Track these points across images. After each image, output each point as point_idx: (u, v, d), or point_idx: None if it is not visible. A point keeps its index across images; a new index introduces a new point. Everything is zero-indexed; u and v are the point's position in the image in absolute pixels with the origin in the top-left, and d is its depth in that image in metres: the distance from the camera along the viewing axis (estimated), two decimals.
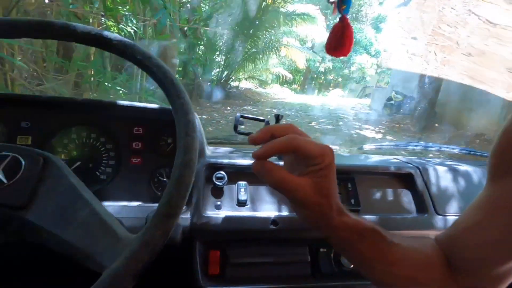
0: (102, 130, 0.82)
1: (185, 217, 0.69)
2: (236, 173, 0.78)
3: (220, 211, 0.73)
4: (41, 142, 0.77)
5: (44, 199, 0.45)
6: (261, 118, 0.84)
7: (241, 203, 0.75)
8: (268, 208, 0.76)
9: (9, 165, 0.47)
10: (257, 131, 0.48)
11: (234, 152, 0.89)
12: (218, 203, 0.74)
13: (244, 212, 0.74)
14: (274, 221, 0.72)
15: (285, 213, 0.75)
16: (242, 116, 0.84)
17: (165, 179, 0.83)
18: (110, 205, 0.69)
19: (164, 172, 0.83)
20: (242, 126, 0.84)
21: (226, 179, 0.75)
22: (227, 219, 0.70)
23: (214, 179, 0.74)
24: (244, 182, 0.78)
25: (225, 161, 0.78)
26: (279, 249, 0.73)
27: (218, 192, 0.76)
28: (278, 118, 0.84)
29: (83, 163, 0.80)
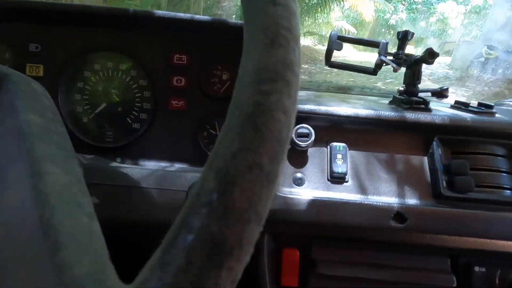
0: (133, 59, 0.57)
1: None
2: (329, 129, 0.48)
3: (302, 189, 0.45)
4: (56, 74, 0.56)
5: None
6: (376, 40, 0.50)
7: (337, 178, 0.46)
8: (387, 192, 0.45)
9: None
10: None
11: (322, 97, 0.58)
12: (299, 175, 0.46)
13: (343, 194, 0.44)
14: (399, 214, 0.41)
15: (416, 200, 0.44)
16: (340, 37, 0.51)
17: (217, 132, 0.56)
18: (139, 168, 0.45)
19: (216, 123, 0.56)
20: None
21: (312, 137, 0.45)
22: (314, 203, 0.42)
23: (294, 135, 0.45)
24: (342, 144, 0.47)
25: (312, 107, 0.48)
26: (401, 259, 0.43)
27: (299, 158, 0.47)
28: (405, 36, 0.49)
29: (110, 106, 0.57)
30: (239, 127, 0.13)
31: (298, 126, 0.46)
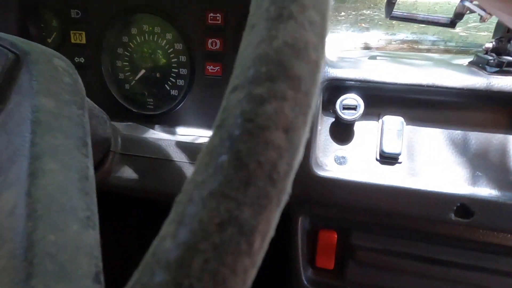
0: (168, 20, 0.53)
1: None
2: (383, 99, 0.40)
3: (345, 169, 0.40)
4: (97, 41, 0.56)
5: None
6: None
7: (388, 158, 0.39)
8: (451, 178, 0.37)
9: None
10: None
11: (376, 58, 0.48)
12: (343, 153, 0.41)
13: (394, 177, 0.38)
14: (464, 207, 0.34)
15: (489, 190, 0.36)
16: None
17: None
18: (174, 141, 0.44)
19: None
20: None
21: (361, 109, 0.38)
22: (358, 186, 0.37)
23: (338, 107, 0.39)
24: (398, 118, 0.40)
25: (361, 73, 0.40)
26: (461, 255, 0.37)
27: (343, 133, 0.41)
28: None
29: (149, 72, 0.57)
30: (216, 154, 0.09)
31: (344, 97, 0.39)
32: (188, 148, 0.41)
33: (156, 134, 0.55)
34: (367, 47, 0.84)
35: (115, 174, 0.41)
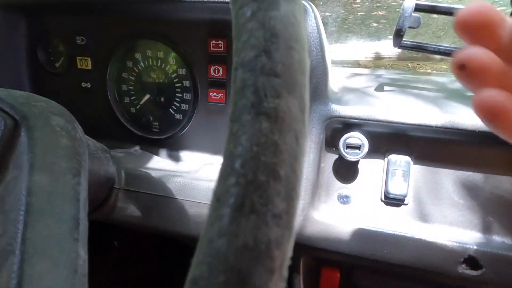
0: (171, 46, 0.53)
1: None
2: (388, 137, 0.39)
3: (348, 209, 0.39)
4: (102, 66, 0.57)
5: None
6: None
7: (394, 199, 0.38)
8: (460, 224, 0.36)
9: None
10: None
11: (383, 89, 0.46)
12: (346, 192, 0.40)
13: (399, 220, 0.37)
14: (473, 259, 0.33)
15: (502, 241, 0.34)
16: (419, 8, 0.38)
17: None
18: (176, 176, 0.44)
19: None
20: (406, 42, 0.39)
21: (365, 148, 0.37)
22: (361, 232, 0.36)
23: (341, 146, 0.38)
24: (404, 158, 0.38)
25: (366, 111, 0.38)
26: None
27: (347, 171, 0.40)
28: None
29: (153, 96, 0.57)
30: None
31: (347, 135, 0.38)
32: (191, 186, 0.42)
33: (161, 162, 0.55)
34: (378, 57, 0.81)
35: (119, 209, 0.42)
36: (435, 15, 0.44)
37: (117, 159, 0.45)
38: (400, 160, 0.38)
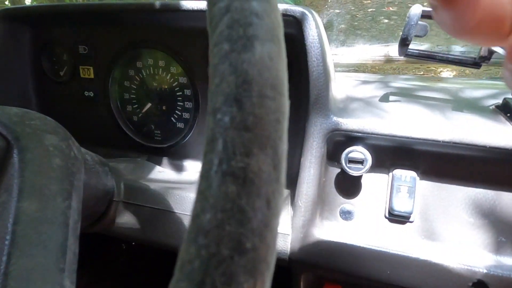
0: (171, 55, 0.52)
1: (282, 233, 0.37)
2: (393, 151, 0.37)
3: (351, 225, 0.38)
4: (104, 75, 0.57)
5: None
6: None
7: (398, 216, 0.36)
8: (469, 244, 0.34)
9: None
10: None
11: (388, 99, 0.44)
12: (348, 207, 0.38)
13: (403, 238, 0.35)
14: (482, 283, 0.31)
15: (506, 260, 0.32)
16: (426, 15, 0.36)
17: None
18: (175, 189, 0.44)
19: None
20: (414, 47, 0.38)
21: (368, 163, 0.36)
22: (364, 252, 0.35)
23: (343, 160, 0.36)
24: (410, 173, 0.36)
25: (369, 126, 0.36)
26: None
27: (349, 186, 0.39)
28: None
29: (155, 104, 0.56)
30: None
31: (349, 149, 0.36)
32: (189, 200, 0.41)
33: (162, 172, 0.55)
34: (388, 60, 0.79)
35: (118, 222, 0.42)
36: None
37: (116, 171, 0.45)
38: (405, 176, 0.36)
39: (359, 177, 0.38)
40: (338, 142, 0.38)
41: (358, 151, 0.36)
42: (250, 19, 0.11)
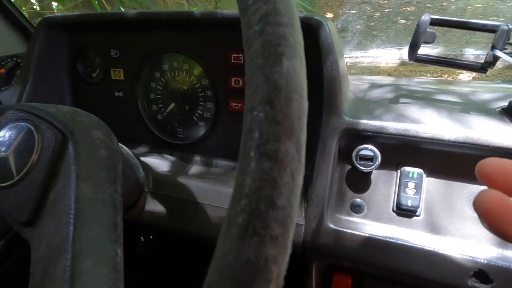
0: (195, 59, 0.57)
1: (296, 223, 0.41)
2: (401, 149, 0.40)
3: (361, 218, 0.41)
4: (133, 77, 0.62)
5: (48, 220, 0.27)
6: (491, 23, 0.36)
7: (405, 211, 0.39)
8: (472, 237, 0.36)
9: (22, 145, 0.31)
10: None
11: (398, 101, 0.47)
12: (359, 201, 0.41)
13: (410, 231, 0.38)
14: (482, 272, 0.33)
15: (507, 253, 0.34)
16: (434, 22, 0.38)
17: None
18: (199, 182, 0.48)
19: None
20: (427, 48, 0.40)
21: (378, 160, 0.38)
22: (372, 242, 0.37)
23: (354, 158, 0.39)
24: (417, 170, 0.39)
25: (379, 125, 0.39)
26: None
27: (360, 182, 0.41)
28: None
29: (178, 104, 0.61)
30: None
31: (360, 147, 0.39)
32: (212, 191, 0.45)
33: (186, 167, 0.59)
34: (402, 63, 0.80)
35: (147, 211, 0.46)
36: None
37: (145, 165, 0.49)
38: (413, 172, 0.39)
39: (369, 173, 0.41)
40: (350, 140, 0.41)
41: (368, 149, 0.39)
42: (279, 41, 0.14)
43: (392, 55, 0.80)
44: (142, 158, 0.52)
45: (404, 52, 0.79)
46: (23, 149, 0.30)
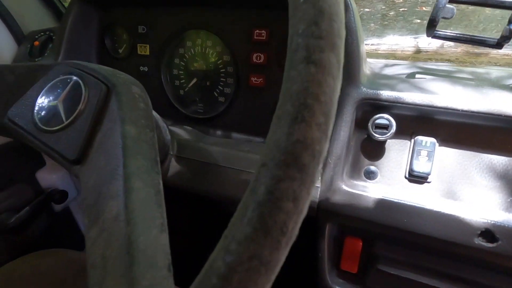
0: (218, 35, 0.60)
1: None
2: (416, 119, 0.42)
3: (374, 184, 0.43)
4: (158, 52, 0.65)
5: (95, 157, 0.30)
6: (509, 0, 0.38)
7: (417, 177, 0.41)
8: (480, 201, 0.38)
9: (71, 95, 0.34)
10: None
11: (414, 76, 0.49)
12: (372, 168, 0.43)
13: (421, 196, 0.40)
14: (488, 232, 0.35)
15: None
16: (453, 0, 0.40)
17: None
18: (220, 147, 0.51)
19: None
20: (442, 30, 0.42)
21: (393, 129, 0.41)
22: (384, 203, 0.40)
23: (370, 126, 0.42)
24: (430, 139, 0.41)
25: (395, 94, 0.41)
26: (484, 276, 0.38)
27: (374, 150, 0.44)
28: None
29: (200, 80, 0.64)
30: (249, 214, 0.14)
31: (376, 116, 0.42)
32: (234, 156, 0.48)
33: (206, 138, 0.63)
34: (418, 51, 0.82)
35: (172, 173, 0.50)
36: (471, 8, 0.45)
37: (171, 130, 0.53)
38: (426, 141, 0.41)
39: (383, 142, 0.43)
40: (367, 110, 0.43)
41: (384, 118, 0.41)
42: (319, 55, 0.16)
43: (406, 43, 0.82)
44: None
45: (418, 41, 0.80)
46: (71, 99, 0.34)
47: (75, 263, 0.64)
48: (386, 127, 0.41)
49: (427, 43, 0.78)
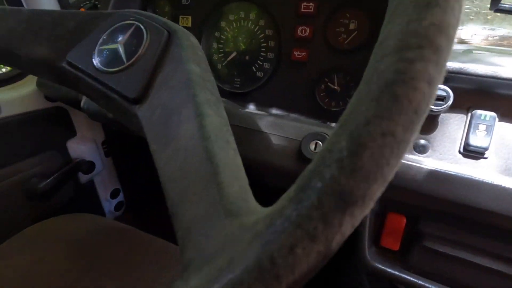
0: (262, 8, 0.59)
1: None
2: (474, 92, 0.40)
3: (424, 157, 0.41)
4: (200, 24, 0.65)
5: (157, 94, 0.30)
6: None
7: (473, 152, 0.39)
8: None
9: (132, 38, 0.34)
10: None
11: (472, 52, 0.47)
12: (423, 142, 0.42)
13: (476, 171, 0.38)
14: None
15: None
16: None
17: (336, 87, 0.55)
18: (262, 114, 0.50)
19: (336, 78, 0.55)
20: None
21: (450, 101, 0.39)
22: (436, 174, 0.38)
23: None
24: (489, 113, 0.39)
25: (454, 64, 0.40)
26: None
27: (427, 123, 0.42)
28: None
29: (239, 55, 0.64)
30: (376, 94, 0.13)
31: None
32: (277, 123, 0.47)
33: (243, 110, 0.62)
34: (460, 41, 0.79)
35: None
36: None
37: None
38: (485, 115, 0.39)
39: (437, 116, 0.41)
40: None
41: (441, 89, 0.40)
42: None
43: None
44: None
45: (463, 32, 0.77)
46: (133, 42, 0.34)
47: (99, 226, 0.64)
48: (442, 99, 0.40)
49: (470, 35, 0.75)
